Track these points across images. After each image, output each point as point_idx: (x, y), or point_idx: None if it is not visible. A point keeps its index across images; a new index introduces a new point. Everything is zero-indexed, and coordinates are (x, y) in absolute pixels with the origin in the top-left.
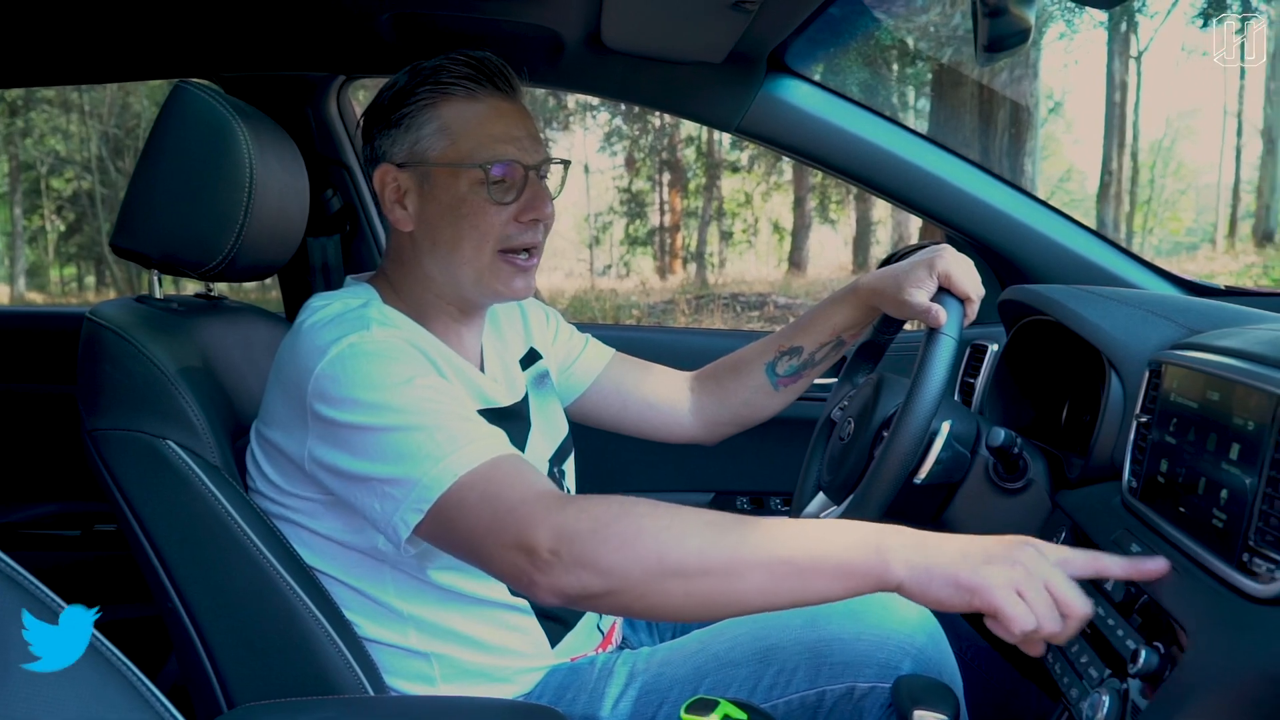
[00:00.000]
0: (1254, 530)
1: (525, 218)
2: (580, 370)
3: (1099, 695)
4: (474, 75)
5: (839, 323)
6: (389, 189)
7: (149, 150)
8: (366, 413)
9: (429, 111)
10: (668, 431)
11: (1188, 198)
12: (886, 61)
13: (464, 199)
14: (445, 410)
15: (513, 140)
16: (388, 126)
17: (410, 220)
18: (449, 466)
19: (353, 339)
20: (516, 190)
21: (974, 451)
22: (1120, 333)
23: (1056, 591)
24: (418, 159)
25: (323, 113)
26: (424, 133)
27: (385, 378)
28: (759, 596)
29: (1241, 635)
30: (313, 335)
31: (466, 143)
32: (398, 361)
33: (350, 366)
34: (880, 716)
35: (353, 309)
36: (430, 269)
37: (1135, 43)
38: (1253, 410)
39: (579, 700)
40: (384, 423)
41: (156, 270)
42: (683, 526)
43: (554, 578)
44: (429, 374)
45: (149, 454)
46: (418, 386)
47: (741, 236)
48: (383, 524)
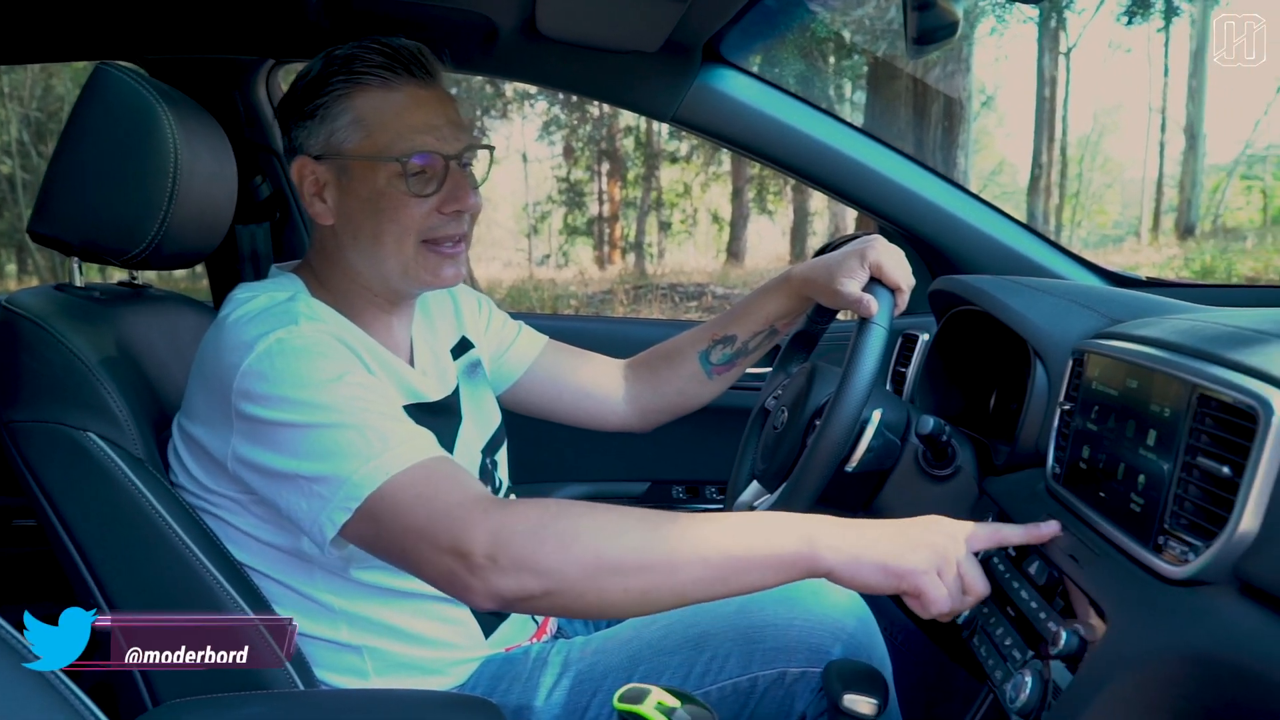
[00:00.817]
0: (1169, 514)
1: (447, 209)
2: (513, 358)
3: (1021, 676)
4: (389, 64)
5: (772, 312)
6: (307, 182)
7: (68, 134)
8: (294, 410)
9: (343, 102)
10: (601, 419)
11: (1114, 191)
12: (823, 54)
13: (382, 192)
14: (375, 409)
15: (432, 130)
16: (302, 118)
17: (330, 213)
18: (380, 465)
19: (280, 334)
20: (437, 181)
21: (904, 439)
22: (1045, 322)
23: (963, 570)
24: (334, 151)
25: (251, 97)
26: (339, 124)
27: (313, 374)
28: (695, 589)
29: (1157, 616)
30: (237, 330)
31: (383, 135)
32: (326, 358)
33: (277, 363)
34: (811, 700)
35: (279, 303)
36: (354, 262)
37: (1064, 39)
38: (1169, 398)
39: (513, 690)
40: (312, 420)
41: (77, 258)
42: (618, 525)
43: (490, 581)
44: (358, 371)
45: (69, 446)
46: (347, 383)
47: (680, 227)
48: (308, 523)
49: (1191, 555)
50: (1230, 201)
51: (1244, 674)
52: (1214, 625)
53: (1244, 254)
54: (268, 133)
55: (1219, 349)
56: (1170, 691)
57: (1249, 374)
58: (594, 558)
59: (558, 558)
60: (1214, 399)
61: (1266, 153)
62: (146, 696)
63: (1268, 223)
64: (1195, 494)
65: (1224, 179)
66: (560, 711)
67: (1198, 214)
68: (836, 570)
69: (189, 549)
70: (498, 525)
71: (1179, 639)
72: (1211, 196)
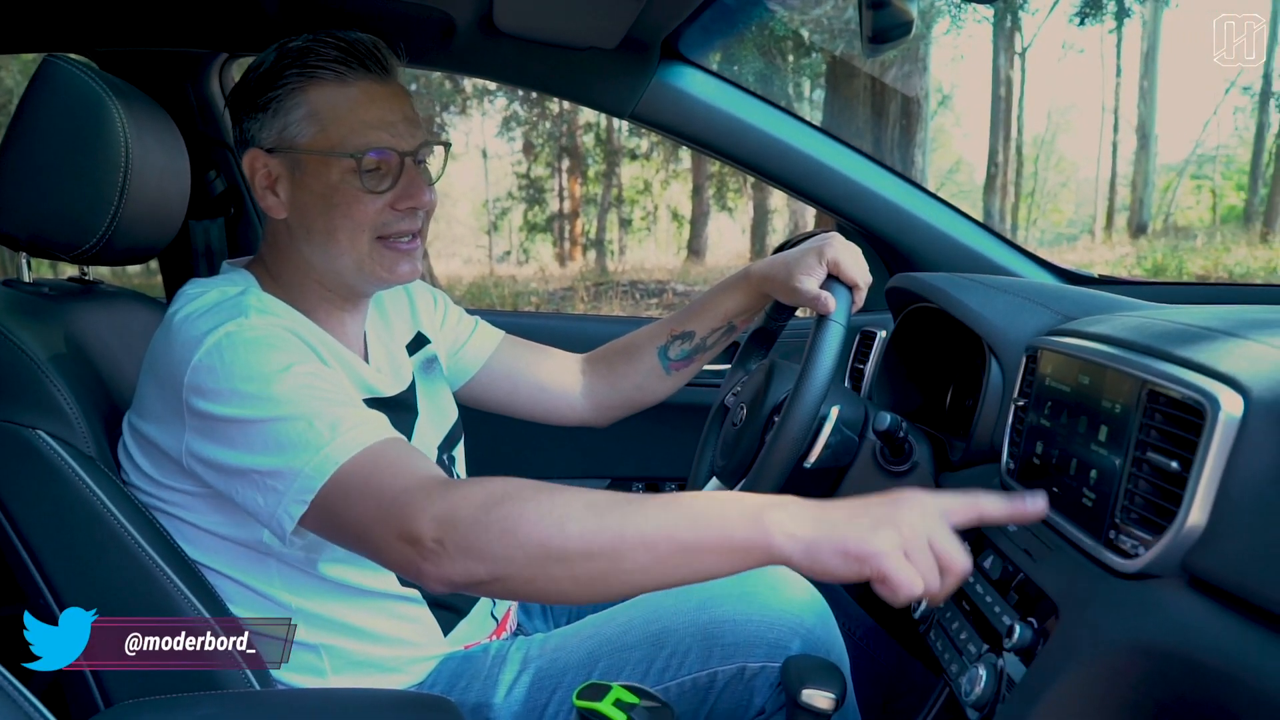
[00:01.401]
0: (1120, 509)
1: (401, 206)
2: (470, 354)
3: (976, 669)
4: (343, 58)
5: (731, 309)
6: (259, 175)
7: (15, 127)
8: (244, 404)
9: (297, 96)
10: (559, 414)
11: (1068, 190)
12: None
13: (336, 188)
14: (325, 397)
15: (386, 126)
16: (254, 110)
17: (283, 207)
18: (330, 454)
19: (229, 328)
20: (392, 178)
21: (862, 435)
22: (999, 319)
23: (938, 547)
24: (286, 145)
25: (204, 91)
26: (292, 118)
27: (262, 366)
28: (645, 576)
29: (1109, 609)
30: (187, 326)
31: (337, 130)
32: (275, 349)
33: (226, 357)
34: (770, 696)
35: (229, 297)
36: (309, 257)
37: (1020, 39)
38: (1120, 394)
39: (472, 688)
40: (263, 414)
41: (25, 253)
42: (564, 510)
43: (440, 567)
44: (309, 360)
45: (18, 445)
46: (296, 374)
47: (641, 224)
48: (266, 517)
49: (1141, 549)
50: (1181, 201)
51: (1192, 665)
52: (1163, 618)
53: (1194, 252)
54: (221, 127)
55: (1169, 346)
56: (1121, 683)
57: (1197, 370)
58: (539, 545)
59: (502, 544)
60: (1163, 395)
61: (1216, 153)
62: (99, 698)
63: (1217, 222)
64: (1145, 488)
65: (1175, 178)
66: (520, 709)
67: (1149, 213)
68: (793, 557)
69: (142, 548)
70: (443, 511)
71: (1129, 631)
72: (1163, 196)
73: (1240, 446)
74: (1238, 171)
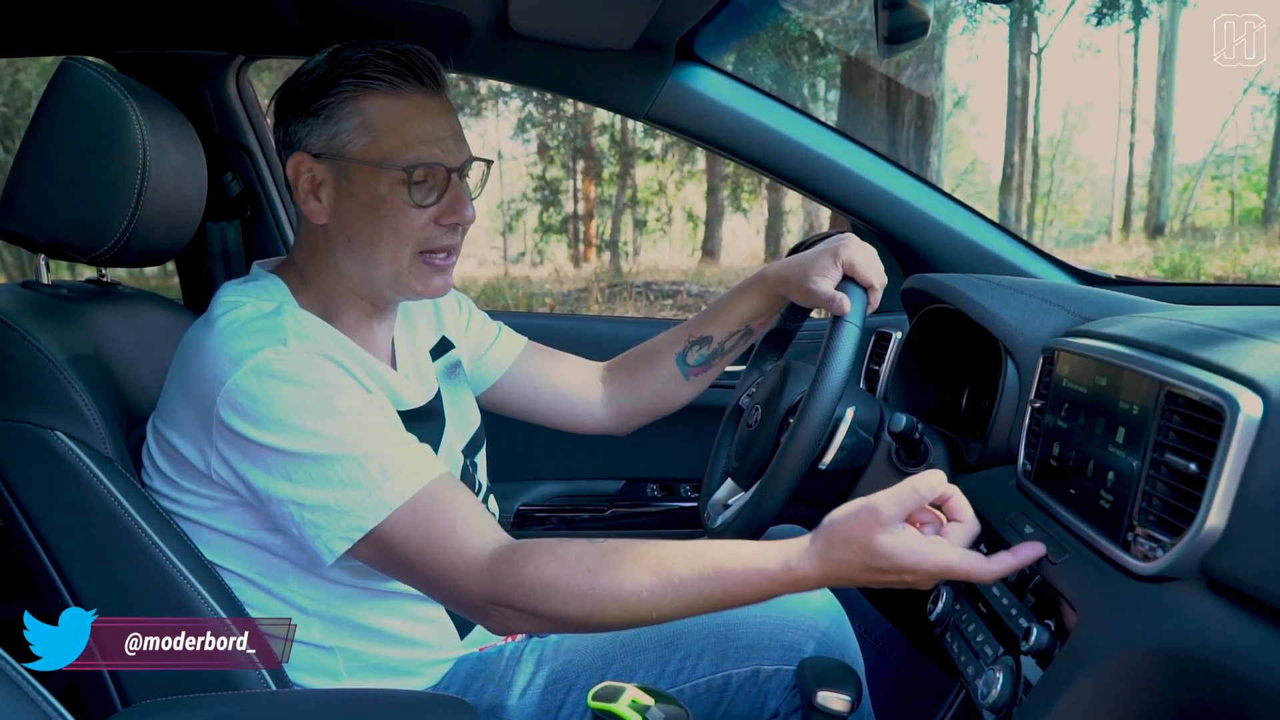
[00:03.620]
0: (1138, 511)
1: (445, 220)
2: (493, 360)
3: (993, 672)
4: (400, 70)
5: (747, 312)
6: (303, 179)
7: (34, 130)
8: (288, 436)
9: (350, 105)
10: (579, 422)
11: (1084, 191)
12: (797, 53)
13: (383, 199)
14: (371, 434)
15: (437, 141)
16: (305, 115)
17: (325, 213)
18: (383, 498)
19: (267, 354)
20: (438, 193)
21: (877, 437)
22: (1016, 320)
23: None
24: (336, 152)
25: (221, 94)
26: (344, 126)
27: (307, 401)
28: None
29: (1126, 611)
30: (224, 342)
31: (389, 142)
32: (318, 386)
33: (268, 387)
34: (784, 698)
35: (265, 315)
36: (345, 265)
37: (1036, 39)
38: (1138, 395)
39: (487, 690)
40: (307, 449)
41: (44, 255)
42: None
43: (494, 622)
44: (352, 391)
45: (37, 446)
46: (341, 410)
47: (655, 225)
48: (301, 542)
49: (1160, 551)
50: (1199, 201)
51: (1211, 668)
52: (1182, 620)
53: (1212, 253)
54: (238, 129)
55: (1187, 347)
56: (1139, 686)
57: (1216, 372)
58: (596, 613)
59: (563, 612)
60: (1182, 396)
61: (1234, 153)
62: (116, 698)
63: (1235, 223)
64: (1163, 491)
65: (1192, 179)
66: (534, 710)
67: (1167, 213)
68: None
69: (159, 549)
70: (495, 595)
71: (1148, 634)
72: (1180, 196)
73: (1260, 448)
74: (1256, 172)
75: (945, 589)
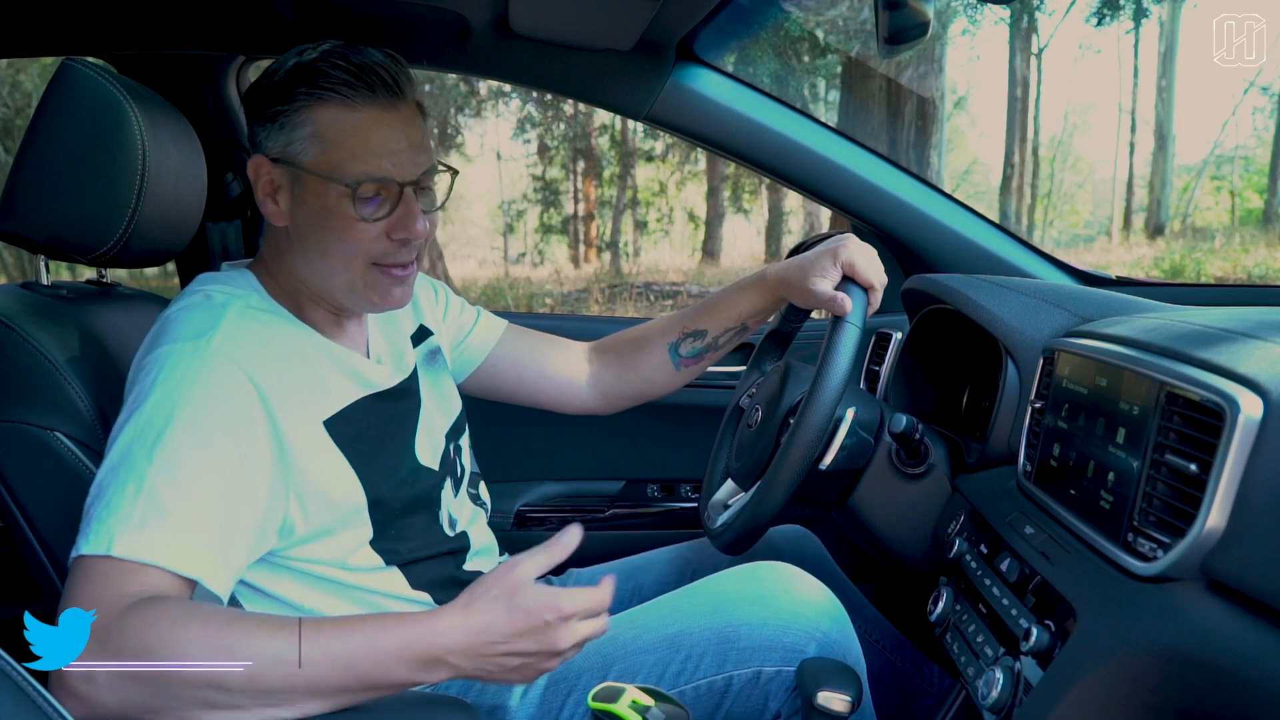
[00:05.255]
0: (1138, 511)
1: (396, 235)
2: (474, 344)
3: (993, 673)
4: (353, 81)
5: (745, 310)
6: (262, 180)
7: (34, 130)
8: (141, 414)
9: (304, 114)
10: (564, 403)
11: (1085, 191)
12: (797, 53)
13: (332, 210)
14: (184, 477)
15: (389, 154)
16: (264, 119)
17: (283, 216)
18: (113, 537)
19: (185, 345)
20: (389, 206)
21: (877, 438)
22: (1016, 321)
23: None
24: (290, 159)
25: (221, 94)
26: (297, 135)
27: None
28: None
29: (1127, 612)
30: (159, 331)
31: (337, 154)
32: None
33: (164, 371)
34: (785, 700)
35: (210, 308)
36: (302, 270)
37: (1036, 40)
38: (1138, 396)
39: (488, 690)
40: (134, 441)
41: (44, 255)
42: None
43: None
44: (227, 427)
45: (36, 446)
46: (195, 433)
47: (656, 225)
48: None
49: (1160, 552)
50: (1199, 201)
51: (1211, 669)
52: (1182, 621)
53: (1212, 254)
54: (238, 130)
55: (1187, 348)
56: (1139, 687)
57: (1216, 372)
58: None
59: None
60: (1182, 397)
61: (1234, 154)
62: None
63: (1235, 223)
64: (1164, 491)
65: (1193, 179)
66: (535, 711)
67: (1167, 214)
68: None
69: None
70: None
71: (1148, 635)
72: (1181, 197)
73: (1260, 449)
74: (1256, 172)
75: (945, 589)
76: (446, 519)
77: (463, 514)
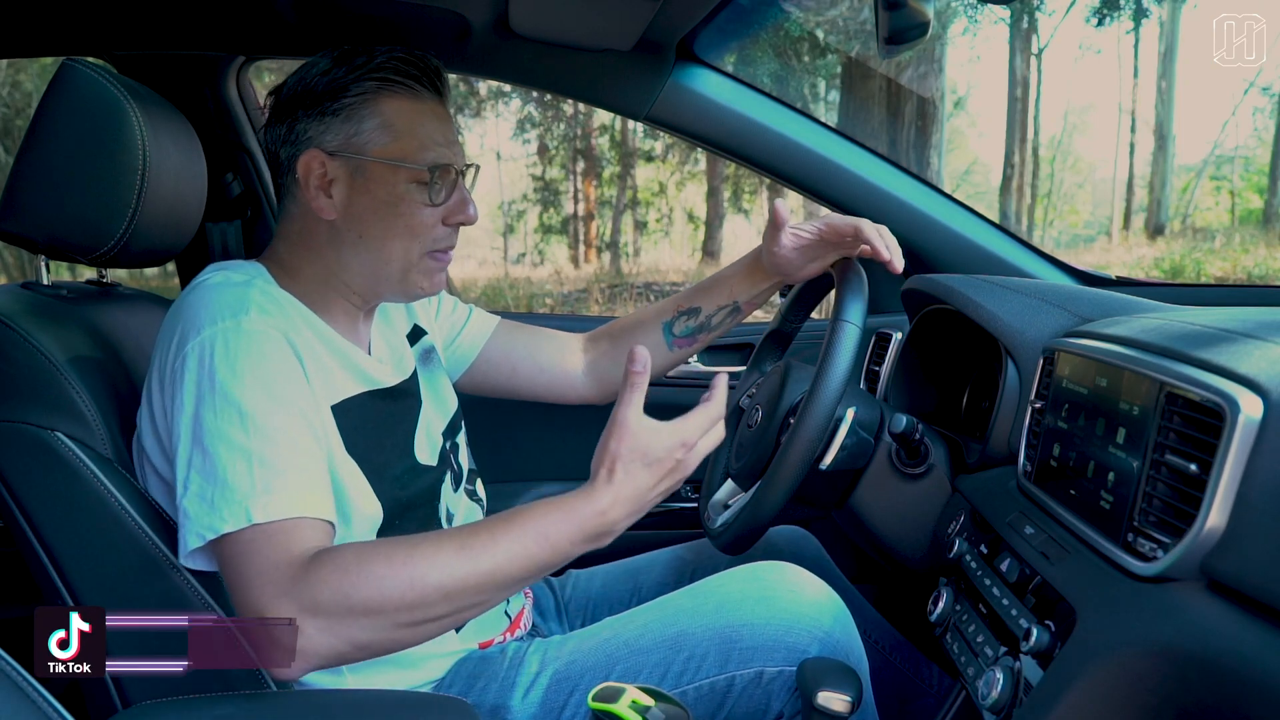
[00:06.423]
0: (1138, 511)
1: (452, 220)
2: (467, 341)
3: (993, 673)
4: (418, 75)
5: (738, 288)
6: (315, 174)
7: (34, 130)
8: (216, 405)
9: (370, 105)
10: (560, 393)
11: (1085, 191)
12: (797, 53)
13: (401, 197)
14: (280, 437)
15: (448, 144)
16: (321, 114)
17: (334, 210)
18: (249, 509)
19: (227, 323)
20: (447, 193)
21: (877, 438)
22: (1016, 321)
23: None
24: (354, 150)
25: (222, 94)
26: (365, 126)
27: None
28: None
29: (1127, 612)
30: (190, 310)
31: (409, 142)
32: (259, 366)
33: (218, 354)
34: (787, 700)
35: (234, 285)
36: (349, 259)
37: (1036, 40)
38: (1138, 396)
39: (490, 690)
40: (222, 427)
41: (44, 255)
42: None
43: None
44: (293, 380)
45: (36, 446)
46: (274, 397)
47: (656, 226)
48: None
49: (1160, 552)
50: (1199, 202)
51: (1211, 669)
52: (1182, 621)
53: (1212, 254)
54: (239, 130)
55: (1187, 348)
56: (1140, 687)
57: (1216, 373)
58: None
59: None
60: (1182, 397)
61: (1234, 154)
62: (116, 698)
63: (1235, 223)
64: (1164, 491)
65: (1193, 179)
66: (537, 710)
67: (1167, 214)
68: None
69: (158, 549)
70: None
71: (1148, 635)
72: (1181, 197)
73: (1260, 449)
74: (1256, 173)
75: (945, 590)
76: (445, 515)
77: (460, 510)
